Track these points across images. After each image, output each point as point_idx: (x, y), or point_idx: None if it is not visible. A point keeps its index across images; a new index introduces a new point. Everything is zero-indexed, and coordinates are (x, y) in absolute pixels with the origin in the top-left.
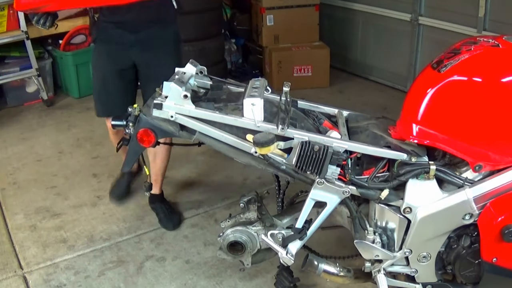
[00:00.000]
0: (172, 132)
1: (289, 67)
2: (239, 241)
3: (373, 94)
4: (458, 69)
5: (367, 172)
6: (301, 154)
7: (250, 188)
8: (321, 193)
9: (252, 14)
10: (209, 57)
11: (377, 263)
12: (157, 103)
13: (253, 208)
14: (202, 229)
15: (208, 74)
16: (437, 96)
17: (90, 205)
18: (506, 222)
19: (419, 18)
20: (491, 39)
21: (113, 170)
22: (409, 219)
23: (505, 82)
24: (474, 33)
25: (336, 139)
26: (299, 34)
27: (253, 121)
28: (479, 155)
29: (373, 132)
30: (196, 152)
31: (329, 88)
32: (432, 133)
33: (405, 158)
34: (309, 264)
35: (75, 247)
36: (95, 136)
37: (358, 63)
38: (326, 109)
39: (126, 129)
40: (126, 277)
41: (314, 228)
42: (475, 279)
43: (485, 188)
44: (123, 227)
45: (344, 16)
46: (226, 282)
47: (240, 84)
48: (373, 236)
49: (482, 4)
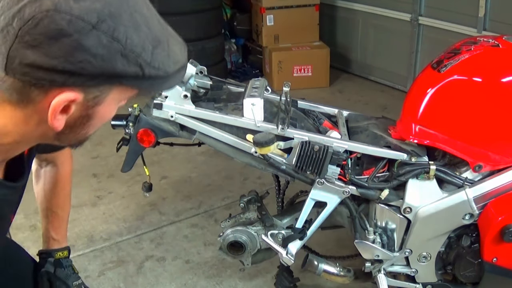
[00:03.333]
0: (172, 132)
1: (289, 67)
2: (239, 241)
3: (373, 94)
4: (458, 69)
5: (367, 172)
6: (301, 154)
7: (250, 188)
8: (321, 193)
9: (252, 14)
10: (209, 57)
11: (377, 263)
12: (157, 103)
13: (253, 208)
14: (202, 229)
15: (208, 74)
16: (437, 96)
17: (90, 205)
18: (506, 222)
19: (419, 18)
20: (491, 39)
21: (113, 170)
22: (409, 219)
23: (505, 82)
24: (474, 33)
25: (336, 139)
26: (299, 34)
27: (253, 121)
28: (479, 155)
29: (373, 132)
30: (196, 152)
31: (329, 88)
32: (432, 133)
33: (405, 158)
34: (309, 264)
35: (75, 247)
36: (95, 136)
37: (358, 63)
38: (326, 109)
39: (126, 129)
40: (126, 277)
41: (314, 228)
42: (475, 279)
43: (485, 188)
44: (123, 227)
45: (344, 16)
46: (226, 282)
47: (240, 84)
48: (373, 236)
49: (482, 4)
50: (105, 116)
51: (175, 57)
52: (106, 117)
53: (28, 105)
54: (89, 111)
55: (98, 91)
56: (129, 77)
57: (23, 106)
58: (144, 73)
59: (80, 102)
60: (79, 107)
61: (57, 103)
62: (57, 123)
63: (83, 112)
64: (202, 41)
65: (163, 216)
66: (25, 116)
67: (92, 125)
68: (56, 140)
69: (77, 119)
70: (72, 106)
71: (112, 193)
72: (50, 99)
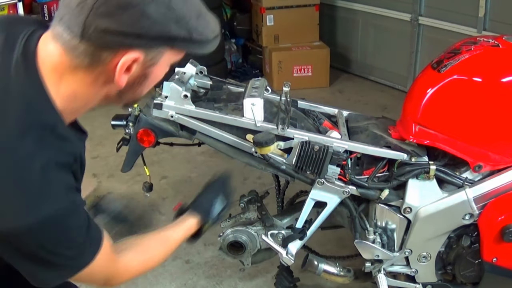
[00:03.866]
0: (172, 132)
1: (289, 67)
2: (239, 241)
3: (373, 94)
4: (458, 69)
5: (367, 172)
6: (301, 154)
7: (250, 188)
8: (321, 193)
9: (252, 14)
10: (209, 57)
11: (377, 263)
12: (157, 103)
13: (253, 208)
14: None
15: (208, 74)
16: (437, 96)
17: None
18: (506, 222)
19: (419, 18)
20: (491, 39)
21: (113, 170)
22: (409, 219)
23: (505, 82)
24: (474, 33)
25: (336, 139)
26: (299, 34)
27: (253, 121)
28: (479, 155)
29: (373, 132)
30: (196, 152)
31: (329, 88)
32: (432, 133)
33: (405, 158)
34: (309, 264)
35: None
36: (95, 136)
37: (358, 63)
38: (326, 109)
39: (126, 129)
40: None
41: (314, 228)
42: (475, 279)
43: (485, 188)
44: (123, 227)
45: (344, 16)
46: (226, 282)
47: (240, 84)
48: (373, 236)
49: (482, 4)
50: (157, 76)
51: (212, 27)
52: (158, 77)
53: (97, 67)
54: (146, 71)
55: (155, 52)
56: (180, 40)
57: (92, 69)
58: (192, 37)
59: (141, 62)
60: (139, 66)
61: (123, 62)
62: (121, 81)
63: (141, 72)
64: None
65: (163, 216)
66: (93, 78)
67: (146, 84)
68: (117, 98)
69: (136, 78)
70: (133, 66)
71: (112, 193)
72: (118, 59)
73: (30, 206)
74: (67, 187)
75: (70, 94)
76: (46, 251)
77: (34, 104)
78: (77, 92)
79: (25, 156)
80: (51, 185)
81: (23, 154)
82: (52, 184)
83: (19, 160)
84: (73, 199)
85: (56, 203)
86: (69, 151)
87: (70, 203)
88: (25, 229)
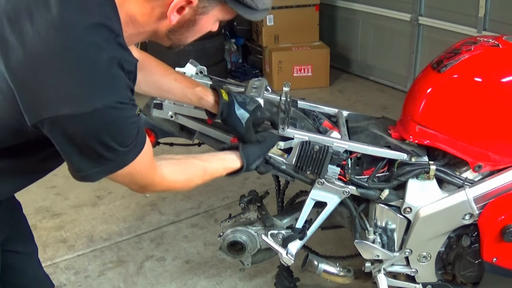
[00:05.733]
0: (172, 132)
1: (289, 67)
2: (239, 241)
3: (373, 94)
4: (458, 69)
5: (367, 172)
6: (301, 154)
7: (250, 188)
8: (321, 193)
9: None
10: (209, 57)
11: (377, 263)
12: (157, 103)
13: (253, 208)
14: (202, 229)
15: (208, 74)
16: (437, 96)
17: (90, 205)
18: (506, 222)
19: (419, 18)
20: (491, 39)
21: None
22: (409, 219)
23: (505, 82)
24: (474, 33)
25: (336, 139)
26: (299, 34)
27: None
28: (479, 155)
29: (373, 132)
30: (196, 152)
31: (329, 88)
32: (432, 133)
33: (405, 158)
34: (309, 264)
35: (75, 247)
36: None
37: (358, 63)
38: (326, 109)
39: None
40: (126, 277)
41: (314, 228)
42: (475, 279)
43: (485, 188)
44: (123, 227)
45: (344, 16)
46: (226, 282)
47: (240, 84)
48: (373, 236)
49: (482, 4)
50: (204, 27)
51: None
52: (204, 29)
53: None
54: (196, 17)
55: (208, 2)
56: None
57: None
58: (244, 0)
59: (193, 7)
60: (191, 11)
61: (178, 0)
62: (173, 18)
63: (192, 16)
64: (202, 41)
65: (163, 216)
66: (151, 9)
67: (193, 31)
68: (165, 37)
69: (185, 21)
70: (186, 8)
71: (112, 193)
72: None
73: (96, 92)
74: (128, 86)
75: (129, 16)
76: (98, 141)
77: (106, 12)
78: (134, 17)
79: (96, 46)
80: (115, 78)
81: (95, 44)
82: (116, 78)
83: (89, 49)
84: (132, 98)
85: (119, 96)
86: (130, 60)
87: (129, 100)
88: (88, 113)
